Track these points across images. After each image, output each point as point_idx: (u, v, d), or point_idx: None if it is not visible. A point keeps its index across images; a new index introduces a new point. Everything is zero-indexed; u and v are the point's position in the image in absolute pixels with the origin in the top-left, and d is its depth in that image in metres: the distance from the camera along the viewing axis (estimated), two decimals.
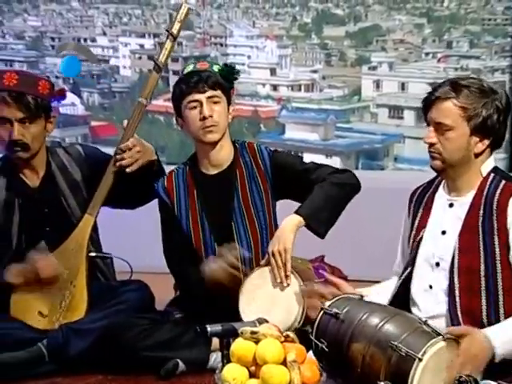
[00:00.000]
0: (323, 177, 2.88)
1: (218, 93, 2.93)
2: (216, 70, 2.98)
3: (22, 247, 3.00)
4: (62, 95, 3.09)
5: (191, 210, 2.97)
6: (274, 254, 2.72)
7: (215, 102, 2.92)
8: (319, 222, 2.77)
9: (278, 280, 2.71)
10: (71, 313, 2.92)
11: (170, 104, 5.12)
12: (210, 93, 2.91)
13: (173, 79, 5.55)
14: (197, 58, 5.41)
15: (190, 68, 2.98)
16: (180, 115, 2.97)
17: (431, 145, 2.46)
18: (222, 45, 5.53)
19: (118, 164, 2.97)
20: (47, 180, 3.05)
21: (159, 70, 3.03)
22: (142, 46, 5.63)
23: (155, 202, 3.08)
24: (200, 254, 2.93)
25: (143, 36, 5.65)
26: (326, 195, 2.81)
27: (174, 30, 3.02)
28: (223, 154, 2.98)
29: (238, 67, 3.16)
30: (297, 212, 2.77)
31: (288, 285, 2.71)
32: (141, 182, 2.99)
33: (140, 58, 5.62)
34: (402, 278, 2.55)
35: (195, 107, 2.91)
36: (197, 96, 2.90)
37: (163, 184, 3.00)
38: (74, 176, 3.08)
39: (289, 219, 2.76)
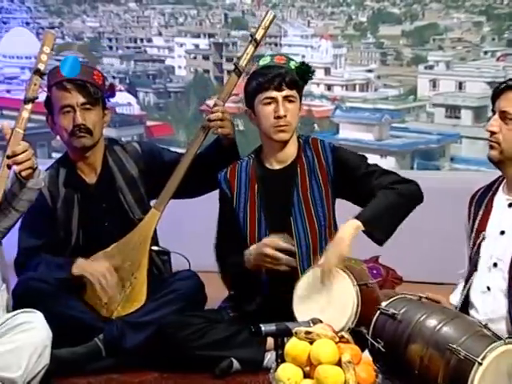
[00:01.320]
0: (387, 184, 2.83)
1: (294, 92, 2.90)
2: (292, 67, 2.93)
3: (80, 242, 3.05)
4: (112, 91, 3.13)
5: (250, 203, 2.96)
6: (326, 254, 2.72)
7: (290, 101, 2.89)
8: (378, 230, 2.73)
9: (325, 280, 2.70)
10: (130, 304, 2.95)
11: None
12: (286, 92, 2.87)
13: (227, 79, 5.57)
14: (255, 56, 5.42)
15: (267, 61, 2.94)
16: (250, 106, 2.96)
17: (492, 134, 2.43)
18: (276, 44, 5.53)
19: (208, 124, 2.98)
20: (104, 176, 3.09)
21: (239, 74, 3.04)
22: (197, 46, 5.67)
23: (213, 199, 3.09)
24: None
25: (198, 36, 5.68)
26: (388, 203, 2.76)
27: (258, 36, 3.03)
28: (288, 151, 2.97)
29: None
30: (357, 217, 2.73)
31: (329, 285, 2.70)
32: (217, 163, 3.01)
33: (195, 57, 5.67)
34: (469, 282, 2.52)
35: (270, 103, 2.88)
36: (274, 93, 2.87)
37: (226, 175, 3.01)
38: (130, 172, 3.11)
39: (348, 223, 2.72)
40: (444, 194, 3.90)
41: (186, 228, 4.06)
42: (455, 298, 2.61)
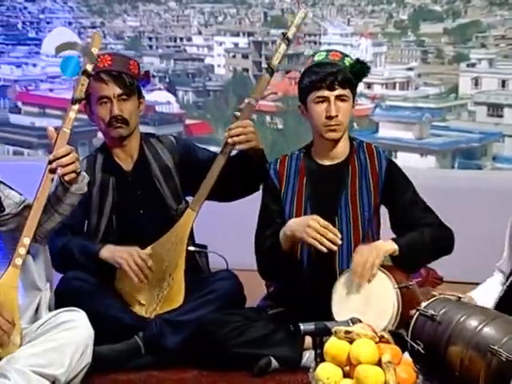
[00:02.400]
0: (428, 222, 2.88)
1: (347, 91, 2.87)
2: (347, 64, 2.89)
3: (112, 228, 3.08)
4: (147, 77, 3.16)
5: (297, 196, 2.96)
6: (360, 252, 2.71)
7: (342, 100, 2.87)
8: (408, 262, 2.80)
9: (359, 278, 2.69)
10: (168, 304, 2.96)
11: (263, 102, 5.12)
12: (339, 91, 2.85)
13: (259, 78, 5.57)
14: (290, 55, 5.42)
15: (322, 57, 2.91)
16: (303, 102, 2.94)
17: None
18: (315, 43, 5.52)
19: (230, 140, 2.98)
20: (141, 164, 3.11)
21: (272, 73, 3.03)
22: (236, 44, 5.68)
23: (251, 199, 3.09)
24: None
25: (238, 35, 5.69)
26: (424, 243, 2.83)
27: (290, 34, 3.01)
28: (339, 149, 2.95)
29: None
30: (396, 241, 2.80)
31: (367, 286, 2.69)
32: (244, 174, 3.01)
33: (234, 56, 5.68)
34: (510, 280, 2.48)
35: (322, 102, 2.86)
36: (326, 93, 2.84)
37: (275, 166, 3.01)
38: (166, 163, 3.14)
39: (386, 242, 2.79)
40: (486, 193, 3.86)
41: (224, 227, 4.07)
42: (486, 290, 2.59)
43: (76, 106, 2.55)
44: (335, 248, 2.75)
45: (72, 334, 2.42)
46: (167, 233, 3.01)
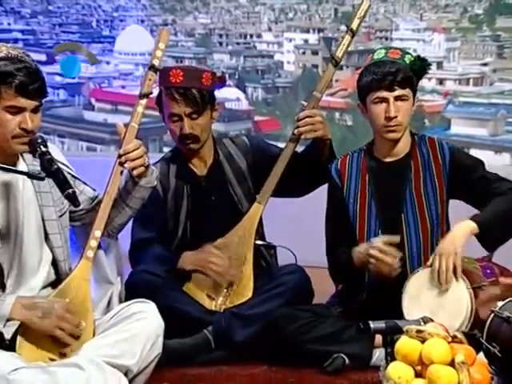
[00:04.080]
0: (504, 190, 2.77)
1: (406, 91, 2.84)
2: (407, 62, 2.87)
3: (187, 234, 3.10)
4: (222, 81, 3.15)
5: (360, 194, 2.94)
6: (441, 255, 2.66)
7: (402, 100, 2.84)
8: (492, 236, 2.70)
9: (440, 282, 2.64)
10: (237, 298, 2.98)
11: (332, 99, 5.09)
12: (398, 92, 2.82)
13: (336, 74, 5.54)
14: (361, 51, 5.37)
15: (382, 55, 2.90)
16: (362, 101, 2.92)
17: None
18: (387, 38, 5.46)
19: (297, 131, 2.97)
20: (215, 169, 3.13)
21: (336, 64, 3.02)
22: (306, 41, 5.66)
23: (320, 196, 3.08)
24: (361, 239, 2.90)
25: (308, 31, 5.67)
26: (505, 211, 2.72)
27: (354, 26, 2.99)
28: (400, 145, 2.93)
29: None
30: (472, 219, 2.70)
31: (447, 289, 2.65)
32: (311, 166, 3.00)
33: (304, 52, 5.66)
34: None
35: (381, 103, 2.84)
36: (384, 94, 2.82)
37: (336, 166, 3.00)
38: (239, 165, 3.15)
39: (463, 224, 2.71)
40: None
41: (294, 224, 4.07)
42: None
43: (144, 101, 2.58)
44: (394, 274, 2.72)
45: (143, 325, 2.46)
46: (235, 227, 3.02)
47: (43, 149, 2.38)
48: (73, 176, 2.63)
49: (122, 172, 2.57)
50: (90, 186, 2.72)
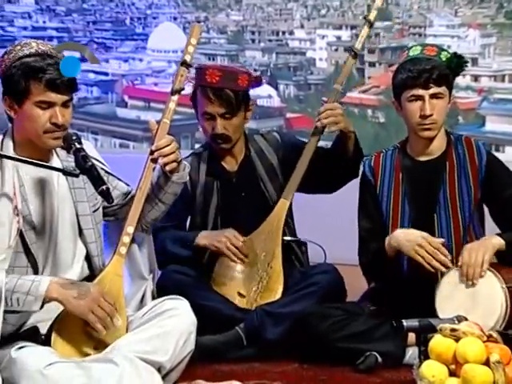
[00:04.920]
0: None
1: (443, 89, 2.82)
2: (444, 59, 2.85)
3: (217, 229, 3.10)
4: (258, 81, 3.15)
5: (394, 192, 2.92)
6: (470, 250, 2.64)
7: (437, 98, 2.81)
8: None
9: (467, 278, 2.63)
10: (268, 293, 2.99)
11: (364, 96, 5.07)
12: (434, 89, 2.80)
13: (369, 71, 5.52)
14: (394, 48, 5.33)
15: (417, 52, 2.87)
16: (397, 99, 2.90)
17: None
18: (420, 35, 5.41)
19: (320, 123, 2.98)
20: (245, 165, 3.14)
21: (355, 56, 3.05)
22: (338, 37, 5.64)
23: (353, 193, 3.07)
24: None
25: (340, 28, 5.65)
26: None
27: (372, 17, 3.03)
28: (435, 144, 2.91)
29: None
30: (501, 236, 2.74)
31: (475, 284, 2.64)
32: (338, 161, 2.99)
33: (336, 49, 5.63)
34: None
35: (416, 100, 2.81)
36: (420, 92, 2.80)
37: (370, 163, 2.99)
38: (270, 161, 3.15)
39: (492, 237, 2.74)
40: None
41: (322, 221, 4.06)
42: None
43: (175, 97, 2.59)
44: (444, 270, 2.70)
45: (176, 322, 2.47)
46: (262, 223, 3.03)
47: (77, 145, 2.40)
48: (106, 172, 2.64)
49: (154, 168, 2.58)
50: (123, 181, 2.73)
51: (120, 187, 2.70)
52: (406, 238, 2.77)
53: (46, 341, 2.38)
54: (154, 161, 2.56)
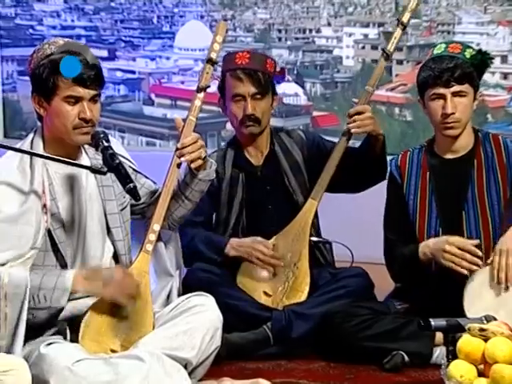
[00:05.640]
0: None
1: (465, 86, 2.81)
2: (468, 57, 2.83)
3: (240, 223, 3.11)
4: (282, 74, 3.18)
5: (421, 191, 2.91)
6: (500, 253, 2.62)
7: (461, 96, 2.80)
8: None
9: (497, 281, 2.61)
10: (294, 293, 2.99)
11: (392, 94, 5.02)
12: (456, 87, 2.79)
13: (396, 69, 5.49)
14: (421, 45, 5.29)
15: (442, 49, 2.87)
16: (422, 97, 2.89)
17: None
18: (449, 32, 5.36)
19: (350, 126, 2.97)
20: (271, 159, 3.16)
21: (387, 58, 3.03)
22: (365, 35, 5.60)
23: (379, 192, 3.06)
24: (421, 237, 2.87)
25: (367, 26, 5.61)
26: None
27: (405, 19, 3.01)
28: (462, 142, 2.89)
29: None
30: None
31: (508, 287, 2.61)
32: (365, 162, 2.98)
33: (363, 47, 5.60)
34: None
35: (438, 99, 2.81)
36: (442, 90, 2.79)
37: (396, 162, 2.99)
38: (295, 157, 3.17)
39: None
40: None
41: (348, 220, 4.05)
42: None
43: (201, 95, 2.60)
44: (475, 268, 2.68)
45: (202, 318, 2.48)
46: (290, 223, 3.03)
47: (105, 143, 2.42)
48: (134, 170, 2.66)
49: (179, 165, 2.60)
50: (151, 179, 2.75)
51: (147, 185, 2.72)
52: (435, 246, 2.77)
53: (73, 338, 2.40)
54: (180, 158, 2.57)
